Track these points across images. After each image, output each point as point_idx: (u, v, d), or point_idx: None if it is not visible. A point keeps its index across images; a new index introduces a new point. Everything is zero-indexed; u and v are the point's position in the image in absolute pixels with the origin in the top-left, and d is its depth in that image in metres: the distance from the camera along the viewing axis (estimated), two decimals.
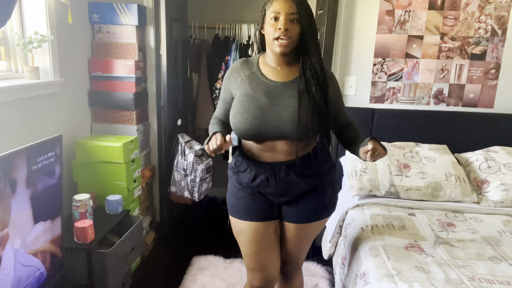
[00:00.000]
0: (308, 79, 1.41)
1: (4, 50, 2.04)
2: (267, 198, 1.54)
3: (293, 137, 1.42)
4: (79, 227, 1.86)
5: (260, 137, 1.45)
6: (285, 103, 1.41)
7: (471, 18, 2.55)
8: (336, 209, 2.33)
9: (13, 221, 1.41)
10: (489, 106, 2.67)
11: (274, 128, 1.41)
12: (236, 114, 1.45)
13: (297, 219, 1.56)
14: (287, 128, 1.40)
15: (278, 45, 1.38)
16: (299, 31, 1.38)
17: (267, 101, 1.42)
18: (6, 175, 1.36)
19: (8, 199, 1.38)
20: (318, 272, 2.53)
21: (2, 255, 1.37)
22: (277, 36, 1.37)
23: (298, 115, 1.39)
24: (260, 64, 1.50)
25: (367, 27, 2.62)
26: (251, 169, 1.50)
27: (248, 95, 1.44)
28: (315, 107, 1.40)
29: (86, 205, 1.98)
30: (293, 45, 1.39)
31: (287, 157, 1.47)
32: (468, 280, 1.48)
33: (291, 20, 1.36)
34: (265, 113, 1.41)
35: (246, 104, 1.43)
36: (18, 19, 2.05)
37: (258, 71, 1.48)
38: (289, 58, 1.46)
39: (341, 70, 2.69)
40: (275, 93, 1.43)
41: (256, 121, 1.41)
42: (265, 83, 1.45)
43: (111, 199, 2.18)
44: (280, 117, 1.40)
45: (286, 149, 1.46)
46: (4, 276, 1.39)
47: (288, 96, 1.42)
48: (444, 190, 2.21)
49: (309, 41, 1.40)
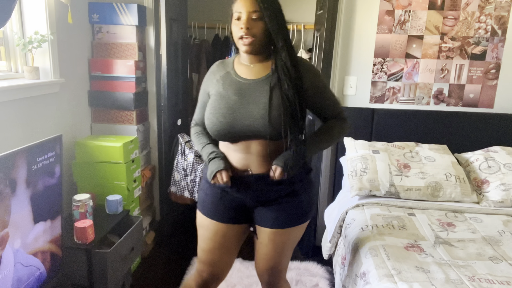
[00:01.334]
0: (280, 76, 1.38)
1: (4, 50, 2.04)
2: (239, 201, 1.50)
3: (265, 136, 1.38)
4: (79, 227, 1.86)
5: (233, 137, 1.41)
6: (255, 100, 1.39)
7: (471, 18, 2.55)
8: (336, 209, 2.35)
9: (13, 221, 1.41)
10: (489, 106, 2.67)
11: (245, 127, 1.38)
12: (208, 115, 1.43)
13: (273, 225, 1.50)
14: (258, 125, 1.37)
15: (242, 44, 1.37)
16: (263, 28, 1.35)
17: (237, 99, 1.40)
18: (6, 175, 1.36)
19: (8, 199, 1.38)
20: (318, 272, 2.53)
21: (2, 255, 1.37)
22: (240, 36, 1.36)
23: (269, 112, 1.35)
24: (235, 64, 1.49)
25: (367, 27, 2.62)
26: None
27: (219, 95, 1.43)
28: (287, 105, 1.36)
29: (86, 205, 1.98)
30: (259, 43, 1.37)
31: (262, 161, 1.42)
32: (468, 280, 1.48)
33: (253, 18, 1.34)
34: (235, 112, 1.38)
35: (217, 104, 1.42)
36: (18, 19, 2.05)
37: (232, 71, 1.47)
38: (262, 55, 1.44)
39: (341, 70, 2.69)
40: (247, 91, 1.41)
41: (227, 120, 1.39)
42: (237, 82, 1.44)
43: (111, 199, 2.18)
44: (250, 114, 1.37)
45: (260, 150, 1.41)
46: (4, 276, 1.39)
47: (259, 93, 1.39)
48: (444, 190, 2.21)
49: (276, 37, 1.37)
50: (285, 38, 1.39)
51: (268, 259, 1.57)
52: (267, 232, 1.52)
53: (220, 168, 1.43)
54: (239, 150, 1.44)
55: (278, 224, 1.49)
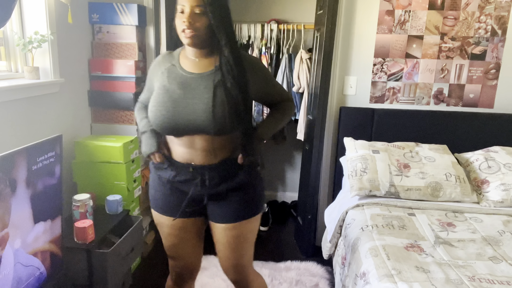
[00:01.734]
0: (223, 72, 1.38)
1: (4, 50, 2.04)
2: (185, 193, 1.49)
3: (209, 131, 1.37)
4: (79, 227, 1.86)
5: (176, 131, 1.41)
6: (199, 94, 1.37)
7: (471, 18, 2.55)
8: (336, 209, 2.35)
9: (13, 221, 1.41)
10: (489, 106, 2.67)
11: (188, 121, 1.37)
12: (152, 108, 1.42)
13: (223, 219, 1.51)
14: (201, 120, 1.36)
15: (185, 36, 1.36)
16: (208, 23, 1.35)
17: (181, 93, 1.39)
18: (6, 175, 1.36)
19: (8, 199, 1.38)
20: (318, 272, 2.53)
21: (2, 255, 1.37)
22: (183, 29, 1.35)
23: (212, 107, 1.35)
24: (180, 57, 1.47)
25: (367, 27, 2.62)
26: (173, 169, 1.47)
27: (164, 88, 1.41)
28: (231, 99, 1.36)
29: (86, 205, 1.98)
30: (202, 37, 1.36)
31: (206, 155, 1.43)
32: (468, 280, 1.48)
33: (196, 13, 1.33)
34: (178, 106, 1.37)
35: (161, 97, 1.40)
36: (18, 19, 2.05)
37: (177, 64, 1.46)
38: (206, 49, 1.42)
39: (341, 70, 2.69)
40: (191, 85, 1.40)
41: (169, 114, 1.37)
42: (182, 76, 1.42)
43: (111, 199, 2.18)
44: (194, 109, 1.36)
45: (204, 146, 1.42)
46: (4, 276, 1.39)
47: (204, 87, 1.38)
48: (444, 190, 2.21)
49: (218, 33, 1.36)
50: (228, 34, 1.38)
51: (227, 257, 1.57)
52: (219, 228, 1.52)
53: (152, 150, 1.47)
54: (183, 145, 1.43)
55: (229, 218, 1.50)
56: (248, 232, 1.55)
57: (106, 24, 2.49)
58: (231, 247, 1.54)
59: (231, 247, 1.54)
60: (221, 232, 1.52)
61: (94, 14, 2.47)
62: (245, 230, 1.54)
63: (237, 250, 1.55)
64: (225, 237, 1.52)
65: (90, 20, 2.49)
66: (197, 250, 1.63)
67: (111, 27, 2.50)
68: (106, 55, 2.53)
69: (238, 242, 1.54)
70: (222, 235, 1.53)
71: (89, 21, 2.49)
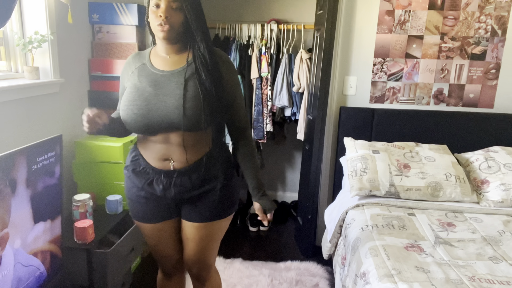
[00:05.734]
0: (197, 67, 1.38)
1: (4, 50, 2.04)
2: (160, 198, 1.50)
3: (182, 127, 1.37)
4: (79, 227, 1.86)
5: (149, 130, 1.40)
6: (170, 91, 1.38)
7: (471, 18, 2.55)
8: (336, 209, 2.35)
9: (13, 221, 1.41)
10: (489, 106, 2.67)
11: (160, 118, 1.37)
12: (123, 108, 1.42)
13: (197, 218, 1.52)
14: (173, 117, 1.36)
15: (160, 30, 1.35)
16: (183, 18, 1.36)
17: (152, 90, 1.39)
18: (6, 175, 1.36)
19: (8, 199, 1.38)
20: (318, 272, 2.53)
21: (2, 255, 1.37)
22: (159, 23, 1.34)
23: (184, 102, 1.35)
24: (151, 56, 1.47)
25: (367, 27, 2.62)
26: (148, 172, 1.47)
27: (135, 87, 1.41)
28: (205, 95, 1.37)
29: (86, 205, 1.98)
30: (176, 32, 1.37)
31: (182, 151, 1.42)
32: (468, 280, 1.48)
33: (172, 8, 1.34)
34: (149, 103, 1.37)
35: (132, 96, 1.40)
36: (18, 19, 2.05)
37: (148, 63, 1.45)
38: (178, 46, 1.43)
39: (341, 70, 2.69)
40: (162, 83, 1.40)
41: (141, 112, 1.37)
42: (153, 74, 1.42)
43: (111, 199, 2.18)
44: (165, 106, 1.36)
45: (179, 141, 1.41)
46: (4, 276, 1.39)
47: (175, 84, 1.38)
48: (444, 190, 2.21)
49: (195, 29, 1.37)
50: (204, 30, 1.40)
51: (194, 253, 1.59)
52: (191, 226, 1.54)
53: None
54: (158, 141, 1.43)
55: (202, 218, 1.52)
56: (218, 230, 1.58)
57: (106, 24, 2.49)
58: (201, 244, 1.57)
59: (201, 245, 1.57)
60: (192, 231, 1.55)
61: (94, 14, 2.47)
62: (216, 229, 1.57)
63: (205, 248, 1.58)
64: (197, 235, 1.55)
65: (90, 20, 2.49)
66: (179, 246, 1.65)
67: (111, 27, 2.50)
68: (106, 55, 2.53)
69: (208, 240, 1.57)
70: (193, 233, 1.55)
71: (89, 21, 2.49)
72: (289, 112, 3.12)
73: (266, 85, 3.01)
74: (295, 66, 3.00)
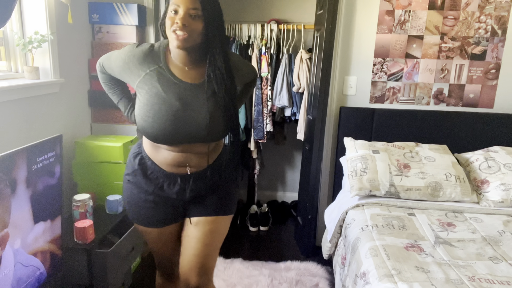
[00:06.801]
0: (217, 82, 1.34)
1: (4, 50, 2.04)
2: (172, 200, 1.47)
3: (205, 140, 1.38)
4: (79, 227, 1.86)
5: (172, 142, 1.37)
6: (197, 107, 1.34)
7: (471, 18, 2.55)
8: (336, 209, 2.35)
9: (13, 221, 1.41)
10: (489, 106, 2.67)
11: (187, 133, 1.35)
12: (146, 118, 1.34)
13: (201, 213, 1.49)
14: (201, 133, 1.36)
15: (175, 38, 1.28)
16: (201, 28, 1.29)
17: (179, 106, 1.33)
18: (6, 175, 1.36)
19: (8, 199, 1.38)
20: (318, 272, 2.53)
21: (2, 255, 1.37)
22: (174, 29, 1.28)
23: (210, 119, 1.34)
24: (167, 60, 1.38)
25: (367, 27, 2.62)
26: (157, 176, 1.43)
27: (159, 97, 1.33)
28: (226, 110, 1.37)
29: (86, 205, 1.98)
30: (193, 42, 1.30)
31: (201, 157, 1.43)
32: (468, 280, 1.48)
33: (191, 16, 1.27)
34: (179, 120, 1.33)
35: (157, 107, 1.32)
36: (18, 19, 2.05)
37: (165, 67, 1.36)
38: (195, 57, 1.37)
39: (341, 70, 2.69)
40: (187, 97, 1.35)
41: (170, 127, 1.33)
42: (175, 84, 1.35)
43: (111, 199, 2.18)
44: (193, 123, 1.34)
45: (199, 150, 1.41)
46: (4, 276, 1.39)
47: (199, 99, 1.35)
48: (444, 190, 2.21)
49: (213, 41, 1.31)
50: (223, 43, 1.34)
51: (197, 254, 1.51)
52: (196, 222, 1.50)
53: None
54: (175, 150, 1.40)
55: (208, 211, 1.49)
56: (221, 230, 1.55)
57: (106, 24, 2.49)
58: (204, 242, 1.50)
59: (204, 243, 1.50)
60: (196, 227, 1.50)
61: (94, 14, 2.47)
62: (219, 227, 1.53)
63: (208, 248, 1.51)
64: (200, 231, 1.49)
65: (90, 20, 2.49)
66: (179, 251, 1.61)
67: (111, 27, 2.50)
68: None
69: (211, 238, 1.51)
70: (197, 229, 1.50)
71: (89, 21, 2.49)
72: (289, 112, 3.12)
73: (266, 85, 3.01)
74: (295, 66, 3.00)
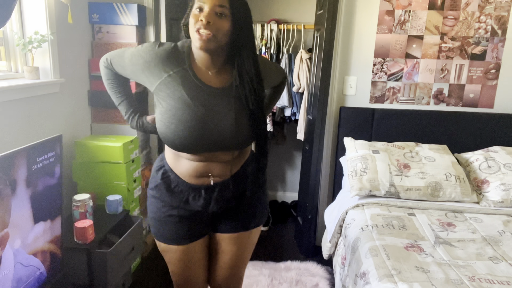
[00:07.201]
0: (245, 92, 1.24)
1: (4, 50, 2.04)
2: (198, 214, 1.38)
3: (232, 148, 1.29)
4: (79, 227, 1.86)
5: (195, 150, 1.27)
6: (223, 114, 1.25)
7: (471, 18, 2.55)
8: (336, 209, 2.35)
9: (13, 221, 1.41)
10: (489, 106, 2.67)
11: (212, 141, 1.26)
12: (169, 125, 1.23)
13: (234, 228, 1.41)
14: (227, 141, 1.26)
15: (198, 38, 1.17)
16: (228, 28, 1.18)
17: (205, 111, 1.23)
18: (6, 175, 1.36)
19: (8, 199, 1.38)
20: (318, 272, 2.53)
21: (2, 255, 1.37)
22: (198, 28, 1.17)
23: (236, 126, 1.25)
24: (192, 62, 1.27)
25: (367, 27, 2.62)
26: (182, 190, 1.34)
27: (183, 102, 1.22)
28: (251, 118, 1.27)
29: (86, 205, 1.98)
30: (218, 43, 1.19)
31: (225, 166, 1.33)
32: (468, 280, 1.48)
33: (218, 14, 1.16)
34: (204, 127, 1.23)
35: (181, 113, 1.22)
36: (18, 19, 2.05)
37: (190, 71, 1.25)
38: (220, 60, 1.26)
39: (341, 70, 2.69)
40: (212, 102, 1.25)
41: (195, 134, 1.23)
42: (200, 88, 1.24)
43: (111, 199, 2.18)
44: (219, 130, 1.24)
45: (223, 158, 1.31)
46: (4, 276, 1.39)
47: (226, 105, 1.25)
48: (444, 190, 2.21)
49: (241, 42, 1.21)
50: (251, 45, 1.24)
51: (228, 267, 1.47)
52: (230, 238, 1.43)
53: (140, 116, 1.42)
54: (197, 159, 1.30)
55: (238, 227, 1.41)
56: (254, 238, 1.49)
57: (106, 24, 2.49)
58: (237, 257, 1.46)
59: (236, 257, 1.46)
60: (230, 242, 1.43)
61: (94, 14, 2.47)
62: (253, 238, 1.47)
63: (240, 259, 1.48)
64: (234, 247, 1.43)
65: (90, 20, 2.49)
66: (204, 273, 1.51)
67: (111, 27, 2.50)
68: None
69: (244, 250, 1.47)
70: (229, 244, 1.43)
71: (89, 21, 2.49)
72: (289, 112, 3.12)
73: None
74: (295, 66, 3.00)
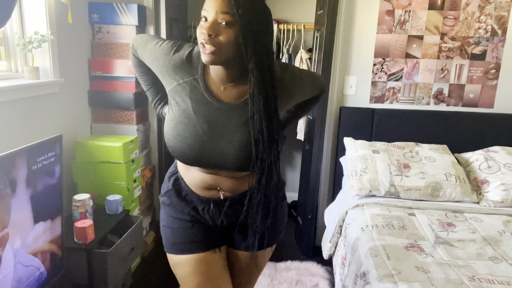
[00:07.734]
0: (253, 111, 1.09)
1: (4, 50, 2.04)
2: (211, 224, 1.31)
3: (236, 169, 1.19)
4: (79, 227, 1.86)
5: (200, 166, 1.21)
6: (227, 135, 1.14)
7: (471, 18, 2.55)
8: (336, 209, 2.35)
9: (13, 221, 1.41)
10: (489, 106, 2.67)
11: (213, 161, 1.17)
12: (170, 137, 1.18)
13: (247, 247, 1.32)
14: (229, 163, 1.17)
15: (203, 52, 1.05)
16: (234, 37, 1.02)
17: (207, 130, 1.14)
18: (6, 175, 1.36)
19: (8, 199, 1.38)
20: (318, 272, 2.53)
21: (2, 255, 1.37)
22: (201, 41, 1.05)
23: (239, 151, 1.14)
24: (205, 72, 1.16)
25: (367, 27, 2.62)
26: (191, 200, 1.29)
27: (187, 116, 1.15)
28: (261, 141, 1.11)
29: (86, 205, 1.98)
30: (225, 56, 1.05)
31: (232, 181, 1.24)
32: (468, 280, 1.48)
33: (221, 23, 1.02)
34: (204, 147, 1.15)
35: (182, 127, 1.15)
36: (18, 19, 2.05)
37: (201, 82, 1.15)
38: (235, 72, 1.13)
39: (341, 70, 2.69)
40: (218, 120, 1.14)
41: (193, 153, 1.15)
42: (208, 103, 1.14)
43: (111, 199, 2.18)
44: (219, 152, 1.15)
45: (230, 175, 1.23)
46: (4, 276, 1.39)
47: (233, 125, 1.14)
48: (444, 190, 2.21)
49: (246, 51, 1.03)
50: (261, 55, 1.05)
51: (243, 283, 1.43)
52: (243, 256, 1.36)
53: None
54: (205, 172, 1.23)
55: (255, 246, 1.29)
56: (267, 257, 1.43)
57: (106, 24, 2.49)
58: (250, 274, 1.42)
59: (250, 274, 1.42)
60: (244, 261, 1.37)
61: (94, 14, 2.47)
62: (266, 257, 1.42)
63: (253, 277, 1.45)
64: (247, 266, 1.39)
65: (90, 20, 2.49)
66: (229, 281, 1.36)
67: (111, 27, 2.50)
68: (106, 55, 2.53)
69: (258, 268, 1.43)
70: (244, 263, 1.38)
71: (89, 21, 2.49)
72: None
73: None
74: None
